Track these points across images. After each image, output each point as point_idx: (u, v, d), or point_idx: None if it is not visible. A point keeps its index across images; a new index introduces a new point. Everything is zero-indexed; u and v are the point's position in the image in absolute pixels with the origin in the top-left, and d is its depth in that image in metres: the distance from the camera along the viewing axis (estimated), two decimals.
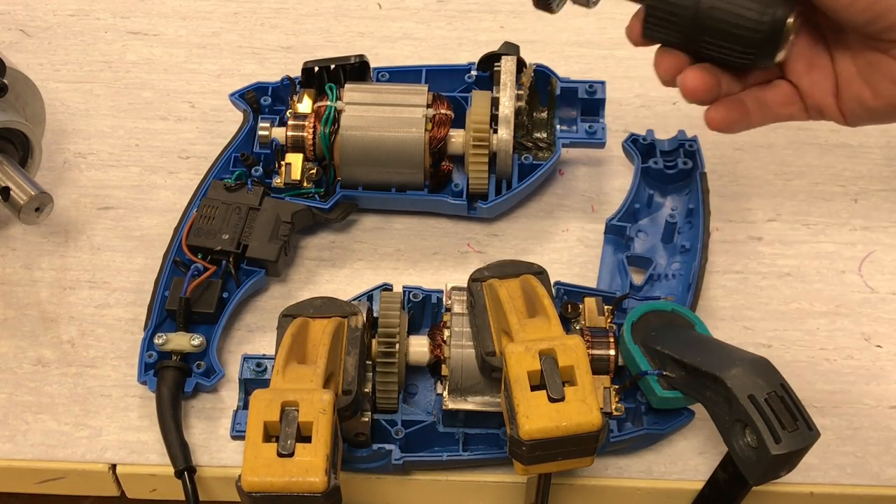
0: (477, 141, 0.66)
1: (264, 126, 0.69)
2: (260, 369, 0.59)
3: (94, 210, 0.71)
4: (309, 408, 0.49)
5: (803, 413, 0.48)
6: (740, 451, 0.49)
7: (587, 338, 0.59)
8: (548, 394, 0.50)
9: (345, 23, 0.82)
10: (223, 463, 0.61)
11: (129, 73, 0.79)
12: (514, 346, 0.52)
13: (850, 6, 0.47)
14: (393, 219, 0.71)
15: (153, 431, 0.61)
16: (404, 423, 0.58)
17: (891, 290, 0.68)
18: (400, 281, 0.64)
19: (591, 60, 0.80)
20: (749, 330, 0.66)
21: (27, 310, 0.67)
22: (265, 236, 0.65)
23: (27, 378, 0.64)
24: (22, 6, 0.83)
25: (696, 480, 0.60)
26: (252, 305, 0.67)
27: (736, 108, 0.53)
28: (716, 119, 0.53)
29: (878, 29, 0.48)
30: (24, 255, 0.69)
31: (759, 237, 0.70)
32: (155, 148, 0.75)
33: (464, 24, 0.82)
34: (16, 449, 0.61)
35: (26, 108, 0.68)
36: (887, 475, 0.61)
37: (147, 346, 0.62)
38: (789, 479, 0.51)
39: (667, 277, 0.65)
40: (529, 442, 0.49)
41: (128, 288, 0.68)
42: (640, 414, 0.59)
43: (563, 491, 0.61)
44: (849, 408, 0.63)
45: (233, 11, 0.83)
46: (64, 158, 0.74)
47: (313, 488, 0.47)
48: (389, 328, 0.57)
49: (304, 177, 0.68)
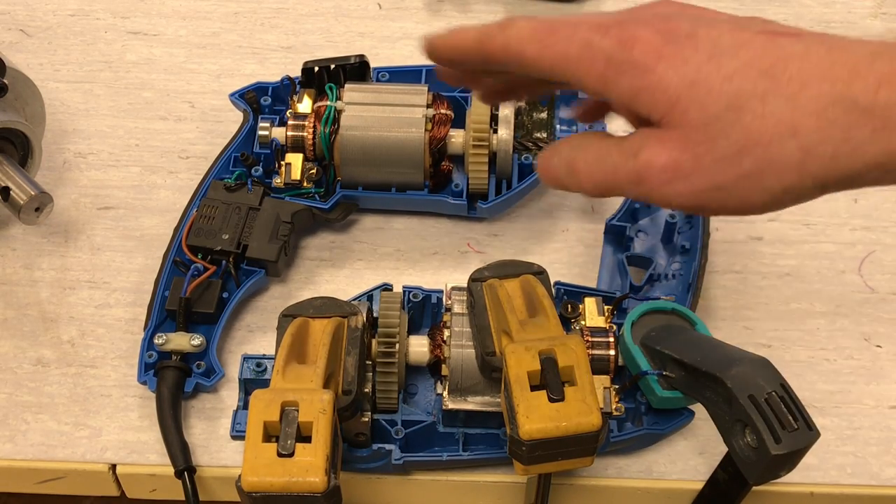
0: (477, 141, 0.66)
1: (264, 126, 0.69)
2: (260, 369, 0.59)
3: (94, 210, 0.71)
4: (309, 408, 0.49)
5: (803, 413, 0.48)
6: (740, 451, 0.49)
7: (587, 338, 0.59)
8: (548, 394, 0.50)
9: (345, 23, 0.82)
10: (223, 463, 0.61)
11: (129, 73, 0.79)
12: (514, 346, 0.52)
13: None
14: (393, 219, 0.71)
15: (153, 431, 0.61)
16: (404, 423, 0.58)
17: (891, 290, 0.68)
18: (400, 281, 0.64)
19: None
20: (749, 330, 0.66)
21: (27, 310, 0.67)
22: (265, 236, 0.65)
23: (27, 378, 0.64)
24: (22, 6, 0.83)
25: (696, 480, 0.60)
26: (252, 305, 0.67)
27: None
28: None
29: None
30: (24, 255, 0.69)
31: (759, 237, 0.70)
32: (155, 148, 0.75)
33: (464, 23, 0.82)
34: (16, 449, 0.61)
35: (26, 108, 0.68)
36: (887, 475, 0.61)
37: (147, 346, 0.62)
38: (789, 479, 0.51)
39: (667, 277, 0.65)
40: (529, 442, 0.49)
41: (128, 288, 0.68)
42: (640, 414, 0.59)
43: (563, 491, 0.61)
44: (849, 408, 0.63)
45: (233, 11, 0.83)
46: (64, 158, 0.74)
47: (313, 488, 0.47)
48: (389, 328, 0.57)
49: (304, 177, 0.68)
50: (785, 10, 0.82)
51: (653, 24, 0.42)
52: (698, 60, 0.40)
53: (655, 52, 0.41)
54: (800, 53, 0.40)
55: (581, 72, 0.42)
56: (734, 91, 0.40)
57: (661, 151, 0.41)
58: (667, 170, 0.41)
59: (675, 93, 0.41)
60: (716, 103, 0.40)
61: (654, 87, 0.41)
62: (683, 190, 0.41)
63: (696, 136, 0.41)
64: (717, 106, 0.40)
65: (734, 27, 0.42)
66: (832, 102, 0.39)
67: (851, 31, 0.81)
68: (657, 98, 0.41)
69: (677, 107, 0.41)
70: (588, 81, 0.43)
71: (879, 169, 0.40)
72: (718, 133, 0.40)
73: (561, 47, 0.43)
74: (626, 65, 0.41)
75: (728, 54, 0.40)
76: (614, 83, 0.42)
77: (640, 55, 0.41)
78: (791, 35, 0.41)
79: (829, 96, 0.39)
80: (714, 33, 0.41)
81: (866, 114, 0.38)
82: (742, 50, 0.40)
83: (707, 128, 0.40)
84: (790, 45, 0.40)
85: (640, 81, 0.41)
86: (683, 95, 0.40)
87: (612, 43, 0.42)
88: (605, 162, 0.43)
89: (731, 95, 0.40)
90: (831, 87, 0.39)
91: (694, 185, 0.41)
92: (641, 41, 0.41)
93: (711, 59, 0.40)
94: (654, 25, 0.42)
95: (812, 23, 0.81)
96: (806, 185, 0.40)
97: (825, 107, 0.39)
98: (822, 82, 0.39)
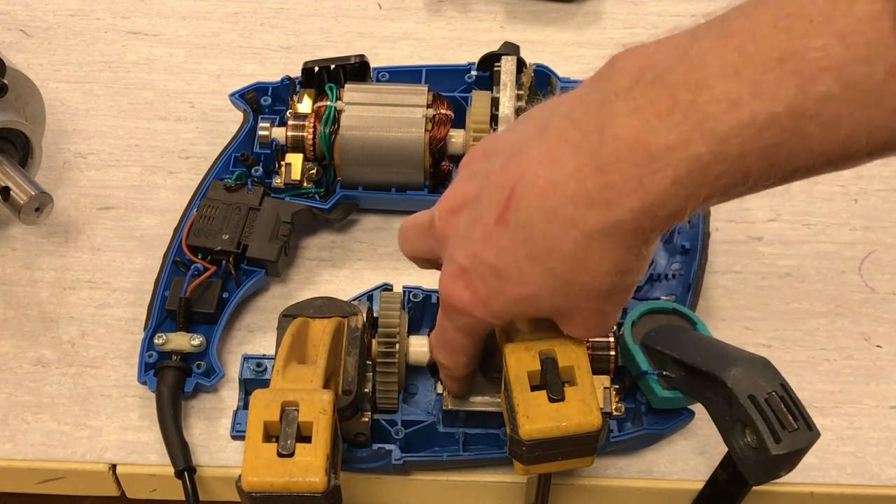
0: (477, 141, 0.66)
1: (264, 126, 0.69)
2: (260, 369, 0.59)
3: (94, 210, 0.71)
4: (309, 408, 0.49)
5: (803, 413, 0.48)
6: (740, 451, 0.49)
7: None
8: (548, 394, 0.50)
9: (345, 23, 0.82)
10: (223, 463, 0.61)
11: (129, 73, 0.79)
12: (514, 346, 0.52)
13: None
14: (393, 219, 0.71)
15: (153, 431, 0.61)
16: (404, 423, 0.58)
17: (891, 290, 0.68)
18: (400, 281, 0.64)
19: (591, 60, 0.80)
20: (749, 330, 0.66)
21: (27, 310, 0.67)
22: (265, 236, 0.65)
23: (27, 378, 0.64)
24: (22, 6, 0.83)
25: (696, 480, 0.60)
26: (252, 305, 0.67)
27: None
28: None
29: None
30: (24, 255, 0.69)
31: (759, 237, 0.70)
32: (155, 148, 0.75)
33: (464, 24, 0.82)
34: (16, 449, 0.61)
35: (26, 108, 0.68)
36: (887, 475, 0.61)
37: (147, 346, 0.62)
38: (789, 479, 0.51)
39: (667, 277, 0.65)
40: (529, 442, 0.49)
41: (128, 288, 0.68)
42: (640, 414, 0.59)
43: (563, 491, 0.61)
44: (849, 408, 0.63)
45: (233, 11, 0.83)
46: (64, 158, 0.74)
47: (313, 488, 0.47)
48: (389, 328, 0.57)
49: (304, 177, 0.68)
50: None
51: (451, 281, 0.47)
52: (495, 287, 0.46)
53: (471, 305, 0.47)
54: (530, 222, 0.43)
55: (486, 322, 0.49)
56: (539, 286, 0.45)
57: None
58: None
59: (518, 309, 0.47)
60: (539, 300, 0.46)
61: (500, 316, 0.48)
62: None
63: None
64: (544, 297, 0.45)
65: (482, 228, 0.45)
66: (572, 238, 0.42)
67: None
68: (518, 313, 0.49)
69: (528, 311, 0.48)
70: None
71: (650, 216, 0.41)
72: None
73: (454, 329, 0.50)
74: (478, 322, 0.48)
75: (503, 266, 0.45)
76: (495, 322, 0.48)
77: (475, 313, 0.47)
78: (510, 204, 0.43)
79: (570, 235, 0.42)
80: (480, 253, 0.45)
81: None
82: (504, 254, 0.44)
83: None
84: (518, 218, 0.43)
85: (496, 319, 0.48)
86: (525, 308, 0.47)
87: (455, 316, 0.49)
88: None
89: (539, 289, 0.45)
90: (570, 230, 0.42)
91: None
92: (459, 306, 0.47)
93: (501, 280, 0.45)
94: (453, 282, 0.47)
95: None
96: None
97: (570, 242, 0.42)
98: (549, 221, 0.42)
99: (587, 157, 0.40)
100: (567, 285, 0.44)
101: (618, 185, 0.39)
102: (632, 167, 0.39)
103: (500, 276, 0.45)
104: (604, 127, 0.40)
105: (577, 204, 0.41)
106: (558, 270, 0.43)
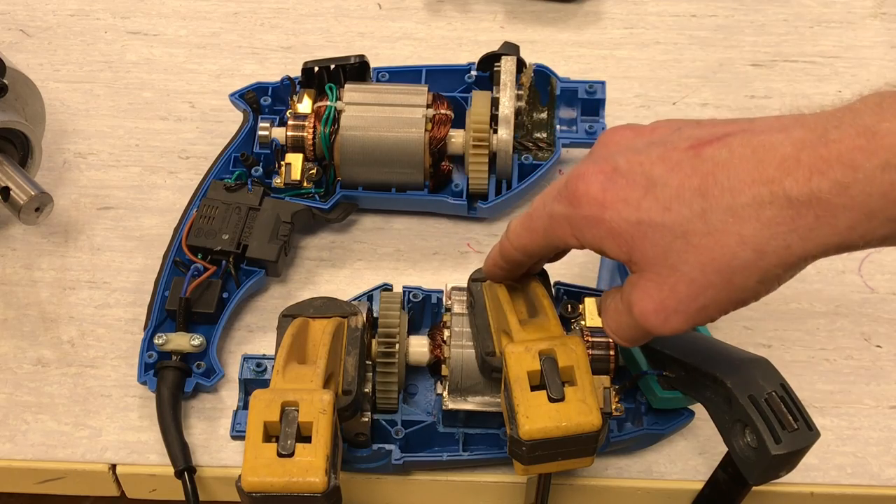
0: (477, 141, 0.66)
1: (264, 126, 0.69)
2: (260, 369, 0.59)
3: (94, 210, 0.71)
4: (309, 408, 0.49)
5: (803, 413, 0.48)
6: (740, 451, 0.49)
7: (587, 338, 0.59)
8: (548, 394, 0.50)
9: (345, 23, 0.82)
10: (223, 463, 0.61)
11: (129, 73, 0.79)
12: (514, 346, 0.52)
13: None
14: (393, 219, 0.71)
15: (153, 431, 0.61)
16: (404, 423, 0.58)
17: (891, 290, 0.68)
18: (400, 281, 0.64)
19: (591, 60, 0.80)
20: (749, 330, 0.66)
21: (27, 310, 0.67)
22: (265, 236, 0.65)
23: (27, 378, 0.64)
24: (22, 6, 0.83)
25: (696, 480, 0.60)
26: (252, 305, 0.67)
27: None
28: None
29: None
30: (24, 255, 0.69)
31: None
32: (155, 148, 0.75)
33: (464, 24, 0.82)
34: (16, 449, 0.61)
35: (26, 108, 0.68)
36: (887, 475, 0.61)
37: (147, 346, 0.62)
38: (789, 479, 0.51)
39: None
40: (529, 442, 0.49)
41: (128, 288, 0.68)
42: (640, 414, 0.59)
43: (563, 491, 0.61)
44: (849, 408, 0.63)
45: (233, 11, 0.83)
46: (64, 158, 0.74)
47: (313, 488, 0.47)
48: (389, 328, 0.57)
49: (304, 177, 0.68)
50: (785, 10, 0.82)
51: (591, 171, 0.45)
52: (637, 198, 0.43)
53: (598, 202, 0.44)
54: (725, 161, 0.42)
55: (558, 239, 0.48)
56: (674, 220, 0.42)
57: (644, 299, 0.44)
58: (658, 312, 0.44)
59: (627, 236, 0.44)
60: (663, 236, 0.43)
61: (610, 235, 0.44)
62: (680, 320, 0.44)
63: (662, 271, 0.43)
64: (665, 238, 0.43)
65: (663, 149, 0.44)
66: (767, 202, 0.40)
67: (851, 31, 0.81)
68: (617, 243, 0.44)
69: (634, 248, 0.44)
70: (568, 243, 0.48)
71: (847, 245, 0.41)
72: (677, 261, 0.43)
73: (538, 226, 0.48)
74: (581, 221, 0.45)
75: (660, 183, 0.43)
76: (582, 238, 0.46)
77: (588, 209, 0.45)
78: (716, 141, 0.43)
79: (762, 197, 0.40)
80: (646, 164, 0.44)
81: (804, 205, 0.40)
82: (672, 175, 0.43)
83: (666, 259, 0.43)
84: (716, 154, 0.42)
85: (597, 231, 0.45)
86: (635, 236, 0.44)
87: (564, 206, 0.46)
88: (620, 324, 0.47)
89: (673, 224, 0.42)
90: (762, 189, 0.40)
91: (685, 313, 0.44)
92: (584, 195, 0.45)
93: (648, 192, 0.43)
94: (593, 173, 0.45)
95: (812, 22, 0.81)
96: (776, 273, 0.42)
97: (761, 208, 0.41)
98: (752, 185, 0.41)
99: (815, 134, 0.40)
100: (698, 237, 0.42)
101: (834, 164, 0.39)
102: (854, 151, 0.39)
103: (649, 190, 0.43)
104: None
105: (782, 167, 0.40)
106: (710, 214, 0.41)
